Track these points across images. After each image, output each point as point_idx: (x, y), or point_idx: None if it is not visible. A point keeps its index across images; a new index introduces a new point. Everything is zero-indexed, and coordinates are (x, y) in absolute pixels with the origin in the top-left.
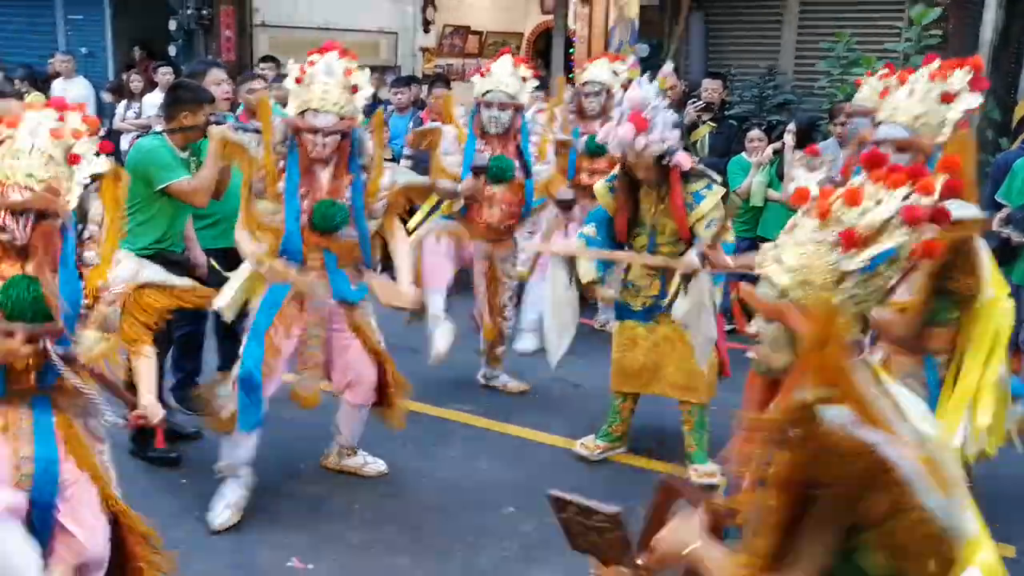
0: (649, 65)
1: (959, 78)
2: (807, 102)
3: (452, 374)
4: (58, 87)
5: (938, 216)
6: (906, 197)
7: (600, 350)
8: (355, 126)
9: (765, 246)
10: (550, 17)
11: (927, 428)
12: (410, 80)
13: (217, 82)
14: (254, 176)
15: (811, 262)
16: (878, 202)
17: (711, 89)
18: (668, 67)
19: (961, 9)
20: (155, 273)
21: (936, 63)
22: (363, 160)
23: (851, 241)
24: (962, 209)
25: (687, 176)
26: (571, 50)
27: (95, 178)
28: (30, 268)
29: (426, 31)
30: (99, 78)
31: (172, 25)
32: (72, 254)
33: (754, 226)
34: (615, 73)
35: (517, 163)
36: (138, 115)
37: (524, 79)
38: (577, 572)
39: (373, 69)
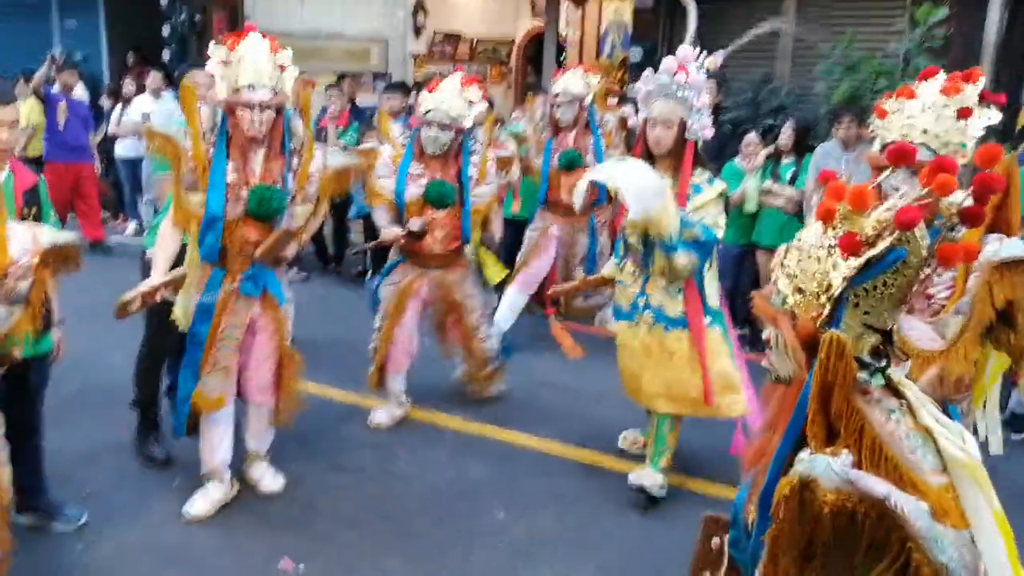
0: (642, 69)
1: (971, 93)
2: (803, 107)
3: (443, 380)
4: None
5: (969, 217)
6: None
7: (589, 354)
8: (286, 103)
9: (783, 246)
10: (541, 22)
11: (955, 450)
12: (402, 85)
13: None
14: (184, 169)
15: (806, 267)
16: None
17: None
18: (720, 54)
19: (965, 9)
20: (49, 235)
21: (941, 75)
22: (294, 143)
23: (848, 247)
24: (1014, 248)
25: (694, 165)
26: (562, 56)
27: None
28: None
29: (417, 37)
30: (95, 83)
31: (166, 31)
32: None
33: (748, 232)
34: (587, 84)
35: (457, 186)
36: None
37: (471, 101)
38: (565, 574)
39: (362, 75)
